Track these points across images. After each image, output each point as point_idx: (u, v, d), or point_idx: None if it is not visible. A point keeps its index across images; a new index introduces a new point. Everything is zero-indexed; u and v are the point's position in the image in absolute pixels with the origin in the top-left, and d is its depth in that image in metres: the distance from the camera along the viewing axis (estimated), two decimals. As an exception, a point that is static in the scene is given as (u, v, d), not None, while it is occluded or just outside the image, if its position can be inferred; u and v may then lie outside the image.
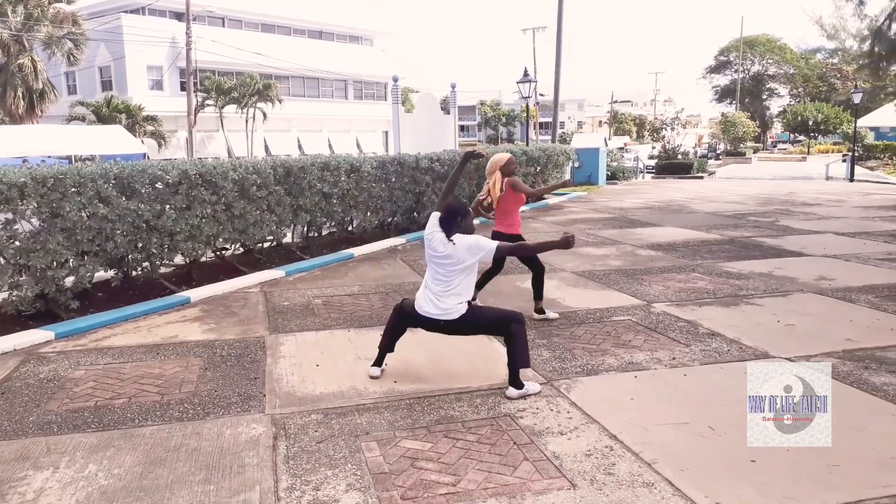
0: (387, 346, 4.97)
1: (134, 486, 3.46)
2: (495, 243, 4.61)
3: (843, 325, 6.06)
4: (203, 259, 8.62)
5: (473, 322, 4.68)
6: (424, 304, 4.68)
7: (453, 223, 4.66)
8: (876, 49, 18.13)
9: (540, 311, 6.37)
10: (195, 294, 7.35)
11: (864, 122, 44.10)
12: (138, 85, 38.13)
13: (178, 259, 8.08)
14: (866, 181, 26.96)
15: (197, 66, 35.48)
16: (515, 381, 4.55)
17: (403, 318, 4.90)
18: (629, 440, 3.89)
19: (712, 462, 3.63)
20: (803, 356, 5.24)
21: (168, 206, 7.39)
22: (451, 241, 4.59)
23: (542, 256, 6.48)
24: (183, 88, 36.98)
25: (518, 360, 4.54)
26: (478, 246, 4.55)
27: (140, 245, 7.16)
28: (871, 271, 8.43)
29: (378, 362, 4.97)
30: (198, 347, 5.70)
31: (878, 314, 6.43)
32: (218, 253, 8.79)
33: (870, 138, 45.50)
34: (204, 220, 7.74)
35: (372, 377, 4.88)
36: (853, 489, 3.32)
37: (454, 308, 4.59)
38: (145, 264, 7.40)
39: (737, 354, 5.32)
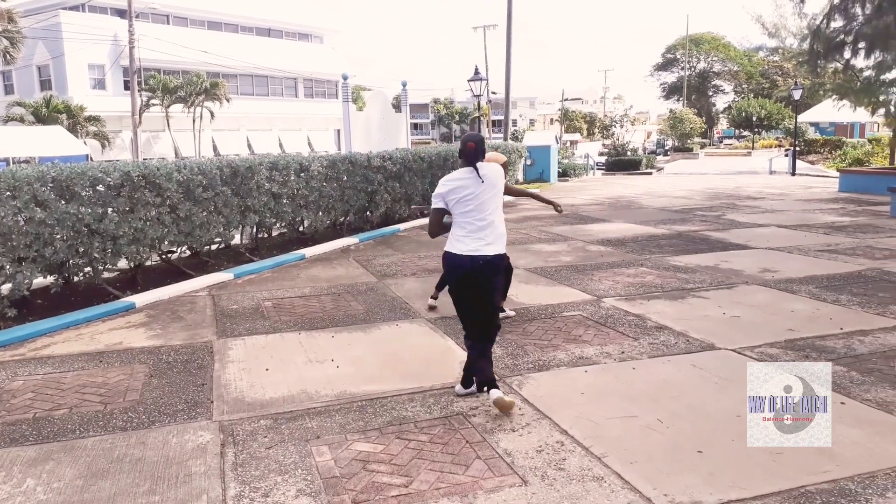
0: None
1: (74, 500, 3.35)
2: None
3: (786, 316, 6.24)
4: (148, 263, 8.41)
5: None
6: (486, 249, 4.30)
7: (481, 154, 4.42)
8: (814, 47, 18.72)
9: (500, 309, 6.36)
10: (140, 299, 7.16)
11: (805, 117, 45.57)
12: (79, 84, 36.93)
13: (122, 263, 7.86)
14: (807, 174, 27.87)
15: (141, 65, 34.54)
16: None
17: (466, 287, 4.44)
18: (579, 435, 3.92)
19: (661, 454, 3.69)
20: (748, 347, 5.37)
21: (110, 209, 7.18)
22: (481, 178, 4.33)
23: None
24: (127, 87, 35.96)
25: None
26: (500, 172, 4.54)
27: (81, 250, 6.93)
28: (812, 262, 8.70)
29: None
30: (143, 354, 5.55)
31: (818, 304, 6.64)
32: (164, 256, 8.58)
33: (810, 133, 47.04)
34: (148, 223, 7.55)
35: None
36: (795, 475, 3.42)
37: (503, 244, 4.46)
38: (87, 269, 7.18)
39: (684, 347, 5.43)
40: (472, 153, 4.36)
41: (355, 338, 5.89)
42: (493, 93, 48.39)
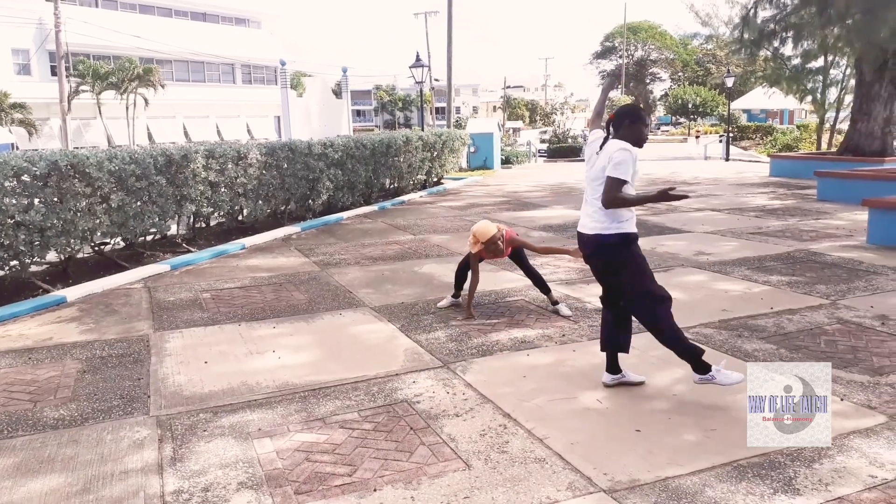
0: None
1: (3, 502, 3.21)
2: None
3: (720, 297, 6.44)
4: (80, 255, 8.11)
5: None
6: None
7: (616, 126, 4.17)
8: (745, 35, 19.25)
9: (555, 302, 6.14)
10: (72, 293, 6.91)
11: (737, 104, 47.02)
12: (2, 70, 35.18)
13: (52, 256, 7.56)
14: (740, 160, 28.77)
15: (68, 50, 33.20)
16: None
17: None
18: (522, 417, 3.97)
19: (600, 434, 3.77)
20: (684, 327, 5.45)
21: (37, 200, 6.88)
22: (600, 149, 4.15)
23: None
24: (54, 73, 34.49)
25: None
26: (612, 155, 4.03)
27: (6, 243, 6.61)
28: (744, 244, 9.00)
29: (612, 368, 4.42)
30: (75, 349, 5.36)
31: (750, 284, 6.88)
32: (96, 248, 8.29)
33: (743, 120, 48.56)
34: (79, 214, 7.27)
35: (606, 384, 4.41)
36: (728, 451, 3.54)
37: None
38: (13, 263, 6.87)
39: (623, 329, 5.54)
40: (608, 122, 4.19)
41: (297, 328, 5.81)
42: (436, 80, 48.29)
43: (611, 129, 4.17)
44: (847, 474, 3.28)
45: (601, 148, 4.14)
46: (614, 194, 3.97)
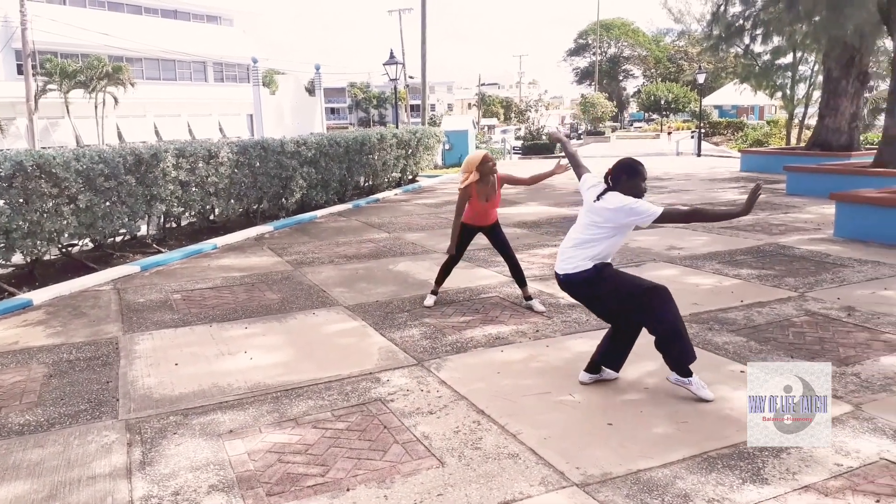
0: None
1: (-35, 512, 3.15)
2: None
3: (690, 291, 6.50)
4: (47, 257, 7.96)
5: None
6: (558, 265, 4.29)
7: (615, 181, 4.11)
8: (715, 31, 19.47)
9: (528, 297, 6.15)
10: (38, 296, 6.78)
11: (709, 100, 47.50)
12: (-33, 68, 34.49)
13: (18, 258, 7.41)
14: (712, 155, 29.10)
15: (35, 48, 32.51)
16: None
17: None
18: (496, 413, 3.98)
19: (573, 428, 3.79)
20: (655, 322, 5.55)
21: (2, 202, 6.74)
22: (595, 198, 4.11)
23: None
24: (20, 72, 33.80)
25: None
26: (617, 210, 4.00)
27: (-31, 245, 6.49)
28: (715, 239, 9.10)
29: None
30: (41, 353, 5.26)
31: (720, 278, 6.96)
32: (64, 250, 8.14)
33: (714, 116, 49.13)
34: (45, 215, 7.14)
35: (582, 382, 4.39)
36: (699, 442, 3.57)
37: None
38: (-23, 266, 6.73)
39: (595, 324, 5.56)
40: (606, 174, 4.15)
41: (270, 328, 5.76)
42: (411, 77, 48.10)
43: (609, 181, 4.15)
44: (813, 463, 3.34)
45: (598, 198, 4.10)
46: (682, 213, 4.09)
